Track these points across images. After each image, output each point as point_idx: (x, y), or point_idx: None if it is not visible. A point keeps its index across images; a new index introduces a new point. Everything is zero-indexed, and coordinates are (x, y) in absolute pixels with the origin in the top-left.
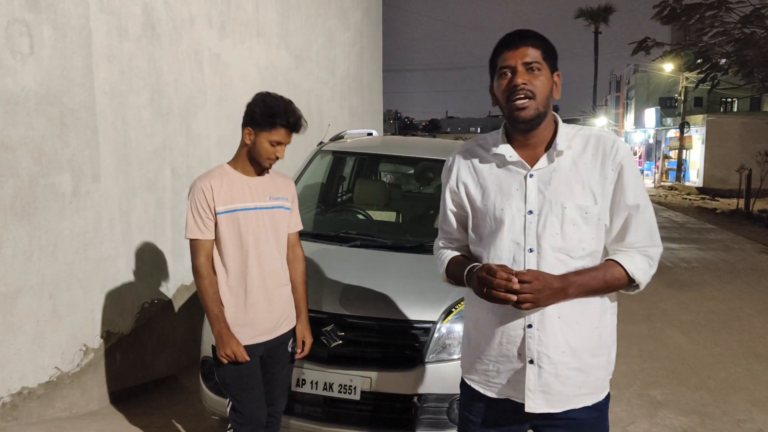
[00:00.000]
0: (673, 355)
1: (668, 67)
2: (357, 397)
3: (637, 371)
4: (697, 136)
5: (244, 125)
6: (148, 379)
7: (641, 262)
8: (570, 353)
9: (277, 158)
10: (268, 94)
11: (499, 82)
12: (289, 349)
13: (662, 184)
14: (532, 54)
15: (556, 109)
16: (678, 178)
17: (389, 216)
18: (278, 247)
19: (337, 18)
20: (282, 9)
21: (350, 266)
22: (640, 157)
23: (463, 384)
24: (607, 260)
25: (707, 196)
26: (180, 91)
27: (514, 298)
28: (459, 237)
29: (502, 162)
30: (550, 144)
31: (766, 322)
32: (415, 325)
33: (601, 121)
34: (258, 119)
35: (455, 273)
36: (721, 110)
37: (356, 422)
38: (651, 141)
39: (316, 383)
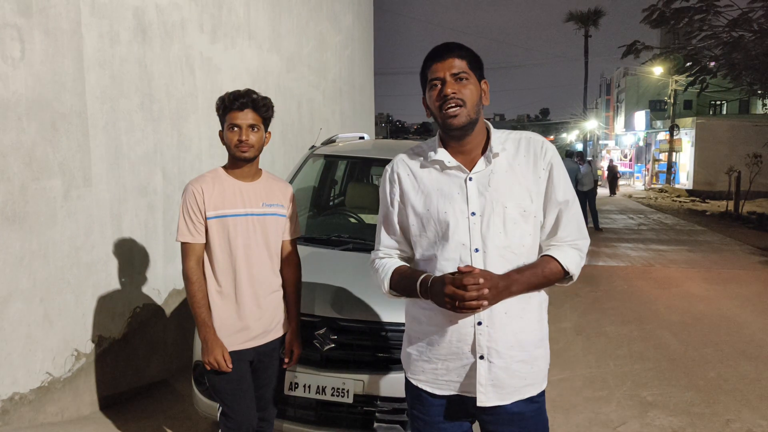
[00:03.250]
0: (663, 355)
1: (658, 70)
2: (350, 400)
3: (628, 372)
4: (686, 138)
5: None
6: (140, 384)
7: (573, 255)
8: (518, 347)
9: (243, 142)
10: (225, 93)
11: (431, 93)
12: (280, 355)
13: (652, 186)
14: (459, 64)
15: (546, 112)
16: (668, 181)
17: None
18: (269, 254)
19: (328, 21)
20: (273, 13)
21: (342, 270)
22: (630, 160)
23: (408, 383)
24: (543, 256)
25: (697, 199)
26: (171, 95)
27: (485, 303)
28: (403, 247)
29: (441, 167)
30: (485, 148)
31: (754, 322)
32: None
33: (591, 123)
34: (219, 116)
35: (402, 285)
36: (711, 113)
37: (349, 425)
38: (641, 144)
39: (309, 386)
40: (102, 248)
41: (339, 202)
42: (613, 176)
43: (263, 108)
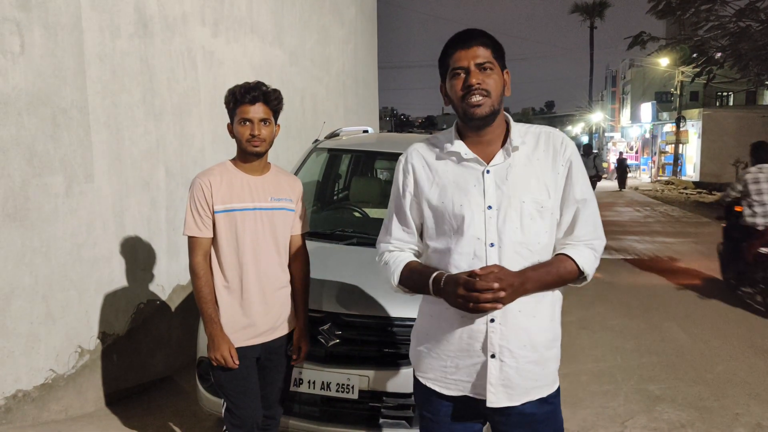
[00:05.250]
0: (671, 349)
1: (664, 61)
2: (355, 396)
3: (635, 366)
4: (693, 130)
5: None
6: (145, 380)
7: (588, 255)
8: (530, 347)
9: (255, 136)
10: (234, 86)
11: (453, 82)
12: (287, 352)
13: (659, 178)
14: (484, 53)
15: (551, 105)
16: (674, 173)
17: (385, 213)
18: (277, 249)
19: (331, 15)
20: (276, 6)
21: (347, 264)
22: (636, 152)
23: (417, 382)
24: (558, 254)
25: (704, 190)
26: (173, 89)
27: (500, 306)
28: (414, 241)
29: (458, 159)
30: (504, 141)
31: (763, 315)
32: (412, 322)
33: (597, 116)
34: (228, 110)
35: (413, 281)
36: (717, 104)
37: (354, 421)
38: (647, 136)
39: (314, 383)
40: (104, 245)
41: (343, 197)
42: (623, 170)
43: (274, 101)
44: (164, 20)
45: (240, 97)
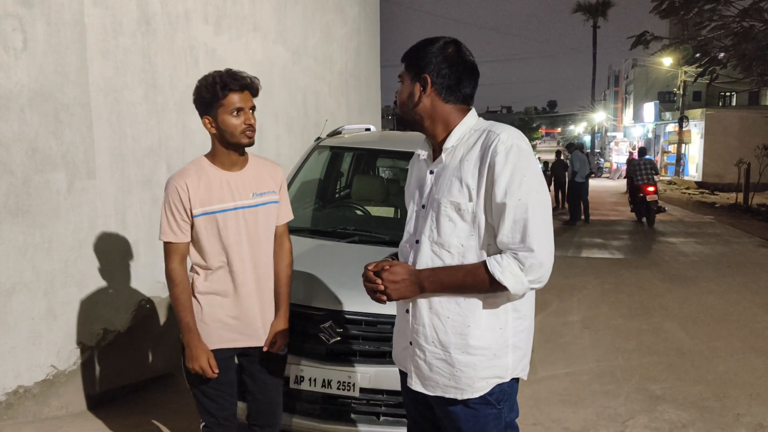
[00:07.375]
0: (672, 349)
1: (667, 61)
2: (356, 393)
3: (636, 366)
4: (695, 130)
5: (201, 117)
6: (145, 377)
7: (509, 265)
8: (438, 344)
9: (251, 126)
10: (201, 78)
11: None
12: (280, 353)
13: (661, 178)
14: (402, 68)
15: (554, 104)
16: (677, 173)
17: (387, 212)
18: (262, 248)
19: (334, 13)
20: (278, 4)
21: (348, 262)
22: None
23: None
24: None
25: (706, 191)
26: (175, 86)
27: (383, 298)
28: None
29: (421, 161)
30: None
31: (765, 316)
32: None
33: (599, 115)
34: (206, 101)
35: None
36: (720, 104)
37: (355, 419)
38: (650, 135)
39: (315, 380)
40: (106, 241)
41: (345, 195)
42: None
43: (257, 88)
44: (167, 17)
45: (230, 83)
